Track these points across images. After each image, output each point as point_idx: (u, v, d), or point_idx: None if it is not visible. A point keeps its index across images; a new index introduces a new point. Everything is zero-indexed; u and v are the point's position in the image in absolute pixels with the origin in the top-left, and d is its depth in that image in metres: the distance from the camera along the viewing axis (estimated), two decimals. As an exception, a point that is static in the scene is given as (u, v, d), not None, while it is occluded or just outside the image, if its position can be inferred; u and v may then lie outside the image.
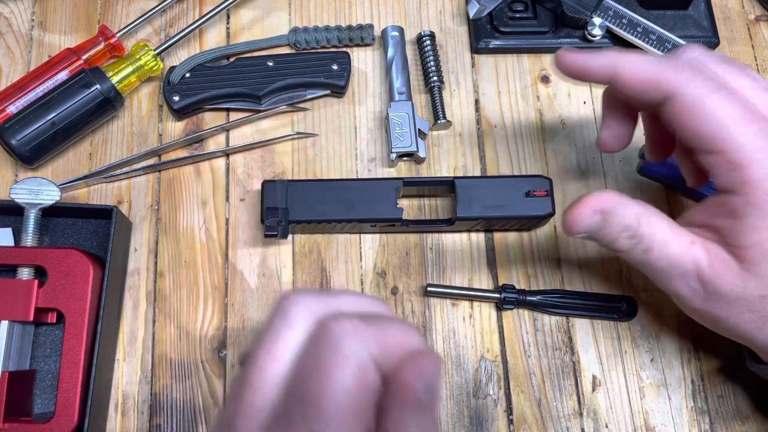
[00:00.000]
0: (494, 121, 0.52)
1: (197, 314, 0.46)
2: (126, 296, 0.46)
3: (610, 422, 0.45)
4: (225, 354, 0.45)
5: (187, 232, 0.48)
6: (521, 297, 0.46)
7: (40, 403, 0.43)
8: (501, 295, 0.45)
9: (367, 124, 0.51)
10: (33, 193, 0.43)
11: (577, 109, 0.52)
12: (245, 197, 0.49)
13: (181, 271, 0.47)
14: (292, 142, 0.50)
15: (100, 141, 0.50)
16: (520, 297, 0.46)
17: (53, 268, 0.42)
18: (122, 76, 0.48)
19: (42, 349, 0.44)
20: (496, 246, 0.48)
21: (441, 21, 0.54)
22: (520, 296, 0.46)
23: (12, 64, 0.51)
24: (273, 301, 0.28)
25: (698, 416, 0.45)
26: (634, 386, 0.46)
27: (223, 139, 0.50)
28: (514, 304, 0.46)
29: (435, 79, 0.51)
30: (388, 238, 0.48)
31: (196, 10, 0.54)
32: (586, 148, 0.51)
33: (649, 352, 0.46)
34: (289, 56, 0.51)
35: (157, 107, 0.51)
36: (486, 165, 0.50)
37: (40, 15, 0.53)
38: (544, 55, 0.53)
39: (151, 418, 0.44)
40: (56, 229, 0.47)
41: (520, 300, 0.46)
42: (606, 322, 0.47)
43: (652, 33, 0.51)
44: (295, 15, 0.54)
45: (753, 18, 0.56)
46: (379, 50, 0.53)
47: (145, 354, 0.45)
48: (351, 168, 0.50)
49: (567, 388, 0.45)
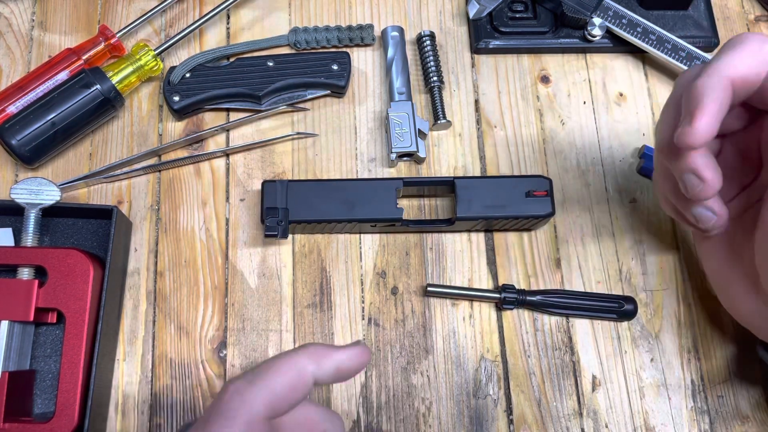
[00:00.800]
0: (494, 121, 0.52)
1: (197, 314, 0.46)
2: (126, 296, 0.46)
3: (610, 422, 0.45)
4: (225, 354, 0.45)
5: (187, 232, 0.48)
6: (521, 297, 0.46)
7: (40, 403, 0.43)
8: (501, 295, 0.46)
9: (367, 124, 0.51)
10: (33, 193, 0.43)
11: (577, 109, 0.52)
12: (245, 197, 0.49)
13: (181, 271, 0.47)
14: (292, 142, 0.50)
15: (100, 141, 0.50)
16: (520, 297, 0.46)
17: (53, 268, 0.42)
18: (122, 77, 0.48)
19: (42, 349, 0.44)
20: (496, 246, 0.48)
21: (441, 21, 0.54)
22: (520, 296, 0.46)
23: (12, 64, 0.51)
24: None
25: (698, 416, 0.45)
26: (634, 386, 0.46)
27: (223, 139, 0.50)
28: (514, 304, 0.46)
29: (435, 79, 0.51)
30: (388, 238, 0.48)
31: (196, 10, 0.54)
32: (586, 148, 0.51)
33: (648, 352, 0.46)
34: (289, 56, 0.51)
35: (157, 107, 0.51)
36: (486, 165, 0.50)
37: (40, 15, 0.53)
38: (544, 55, 0.54)
39: (151, 418, 0.44)
40: (56, 229, 0.47)
41: (520, 300, 0.46)
42: (606, 322, 0.47)
43: (652, 33, 0.51)
44: (295, 15, 0.54)
45: (753, 18, 0.56)
46: (379, 50, 0.53)
47: (145, 354, 0.45)
48: (351, 168, 0.50)
49: (567, 388, 0.45)
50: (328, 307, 0.47)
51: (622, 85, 0.53)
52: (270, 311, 0.46)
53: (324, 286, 0.47)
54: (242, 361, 0.45)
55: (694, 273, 0.48)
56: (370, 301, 0.47)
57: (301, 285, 0.47)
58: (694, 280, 0.48)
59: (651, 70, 0.54)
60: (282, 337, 0.46)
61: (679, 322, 0.47)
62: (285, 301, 0.47)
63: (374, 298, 0.47)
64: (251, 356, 0.45)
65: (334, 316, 0.46)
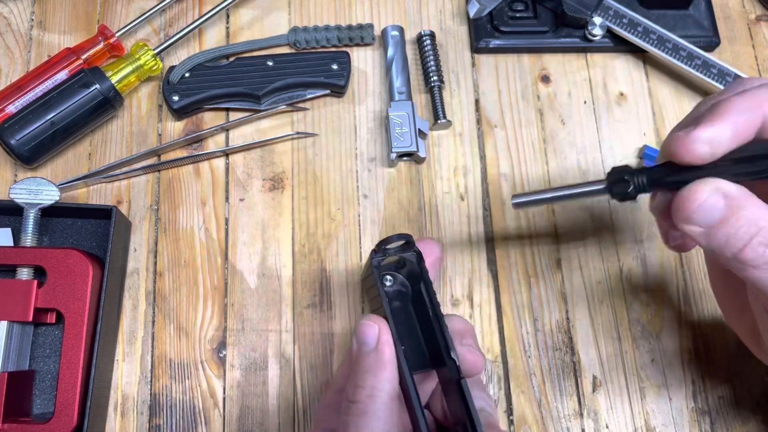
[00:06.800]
0: (494, 120, 0.52)
1: (197, 314, 0.46)
2: (125, 296, 0.46)
3: (610, 422, 0.45)
4: (224, 354, 0.45)
5: (186, 232, 0.48)
6: (639, 178, 0.33)
7: (39, 404, 0.43)
8: (609, 186, 0.35)
9: (367, 123, 0.51)
10: (32, 193, 0.43)
11: (577, 109, 0.52)
12: (245, 197, 0.49)
13: (181, 271, 0.47)
14: (291, 142, 0.50)
15: (99, 141, 0.50)
16: (638, 179, 0.33)
17: (53, 268, 0.42)
18: (122, 76, 0.48)
19: (41, 349, 0.44)
20: (496, 246, 0.48)
21: (441, 20, 0.54)
22: (638, 178, 0.33)
23: (11, 63, 0.51)
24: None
25: (699, 417, 0.45)
26: (635, 386, 0.46)
27: (222, 139, 0.50)
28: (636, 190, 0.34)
29: (435, 78, 0.51)
30: (388, 238, 0.48)
31: (196, 10, 0.54)
32: (587, 148, 0.51)
33: (649, 352, 0.46)
34: (288, 56, 0.51)
35: (156, 107, 0.51)
36: (486, 165, 0.50)
37: (39, 15, 0.53)
38: (545, 54, 0.53)
39: (150, 419, 0.44)
40: (56, 229, 0.46)
41: (639, 184, 0.34)
42: (606, 323, 0.47)
43: (653, 33, 0.51)
44: (295, 14, 0.54)
45: (753, 18, 0.56)
46: (379, 50, 0.53)
47: (145, 354, 0.45)
48: (351, 167, 0.50)
49: (567, 389, 0.45)
50: (328, 307, 0.46)
51: (622, 84, 0.53)
52: (270, 311, 0.46)
53: (324, 286, 0.47)
54: (242, 361, 0.45)
55: (694, 273, 0.48)
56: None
57: (301, 285, 0.47)
58: (694, 280, 0.48)
59: (652, 70, 0.53)
60: (282, 337, 0.46)
61: (680, 322, 0.47)
62: (285, 301, 0.46)
63: (374, 298, 0.47)
64: (251, 356, 0.45)
65: (334, 316, 0.46)
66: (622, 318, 0.47)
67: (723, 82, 0.50)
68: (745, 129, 0.29)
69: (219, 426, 0.44)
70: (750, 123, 0.29)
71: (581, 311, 0.47)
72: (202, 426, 0.44)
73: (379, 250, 0.36)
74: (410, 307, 0.37)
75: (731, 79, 0.50)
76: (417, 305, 0.37)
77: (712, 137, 0.28)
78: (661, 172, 0.32)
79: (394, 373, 0.32)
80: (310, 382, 0.45)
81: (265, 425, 0.44)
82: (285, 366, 0.45)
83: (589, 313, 0.47)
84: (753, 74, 0.53)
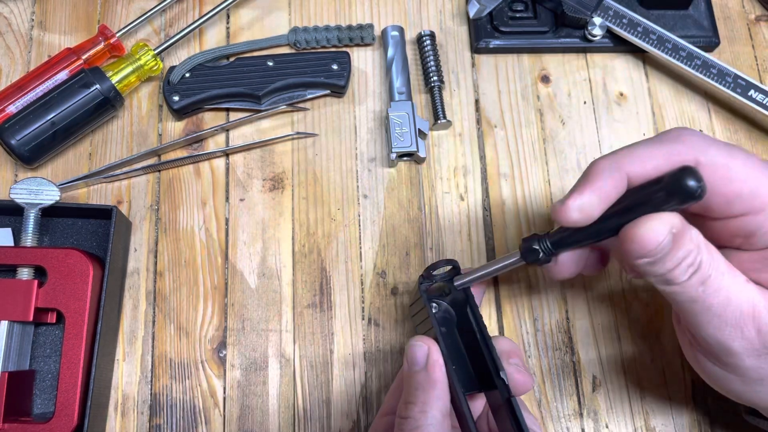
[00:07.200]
0: (494, 120, 0.52)
1: (197, 314, 0.46)
2: (126, 296, 0.46)
3: (610, 422, 0.45)
4: (225, 354, 0.45)
5: (186, 232, 0.48)
6: (545, 245, 0.35)
7: (39, 404, 0.43)
8: (524, 257, 0.37)
9: (367, 124, 0.51)
10: (33, 193, 0.43)
11: (577, 109, 0.52)
12: (245, 197, 0.49)
13: (181, 271, 0.47)
14: (291, 142, 0.50)
15: (99, 141, 0.50)
16: (544, 246, 0.35)
17: (53, 268, 0.42)
18: (122, 76, 0.48)
19: (42, 349, 0.44)
20: (496, 246, 0.48)
21: (441, 21, 0.54)
22: (543, 244, 0.36)
23: (12, 64, 0.51)
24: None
25: (699, 417, 0.45)
26: (635, 386, 0.46)
27: (222, 139, 0.50)
28: (544, 255, 0.36)
29: (435, 79, 0.51)
30: (388, 238, 0.48)
31: (196, 10, 0.54)
32: (587, 148, 0.51)
33: (649, 352, 0.46)
34: (289, 56, 0.51)
35: (156, 107, 0.51)
36: (486, 165, 0.50)
37: (39, 15, 0.53)
38: (545, 54, 0.53)
39: (150, 418, 0.44)
40: (56, 229, 0.47)
41: (547, 249, 0.36)
42: (606, 323, 0.47)
43: (653, 33, 0.51)
44: (295, 15, 0.54)
45: (753, 18, 0.56)
46: (379, 50, 0.53)
47: (145, 354, 0.45)
48: (351, 167, 0.50)
49: (567, 389, 0.45)
50: (328, 307, 0.46)
51: (622, 84, 0.53)
52: (270, 311, 0.46)
53: (324, 286, 0.47)
54: (242, 361, 0.45)
55: (694, 273, 0.48)
56: (370, 301, 0.47)
57: (301, 285, 0.47)
58: (694, 280, 0.48)
59: (651, 70, 0.54)
60: (282, 337, 0.46)
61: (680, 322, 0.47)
62: (285, 301, 0.46)
63: (374, 298, 0.47)
64: (251, 356, 0.45)
65: (334, 316, 0.46)
66: (622, 318, 0.47)
67: (723, 82, 0.50)
68: (613, 190, 0.32)
69: (219, 426, 0.44)
70: (615, 184, 0.32)
71: (581, 311, 0.47)
72: (203, 426, 0.44)
73: (426, 275, 0.39)
74: (455, 333, 0.39)
75: (731, 79, 0.50)
76: (462, 330, 0.38)
77: (582, 205, 0.31)
78: (559, 235, 0.35)
79: (446, 390, 0.34)
80: (310, 381, 0.45)
81: (265, 425, 0.44)
82: (285, 366, 0.45)
83: (589, 313, 0.47)
84: (753, 74, 0.54)
